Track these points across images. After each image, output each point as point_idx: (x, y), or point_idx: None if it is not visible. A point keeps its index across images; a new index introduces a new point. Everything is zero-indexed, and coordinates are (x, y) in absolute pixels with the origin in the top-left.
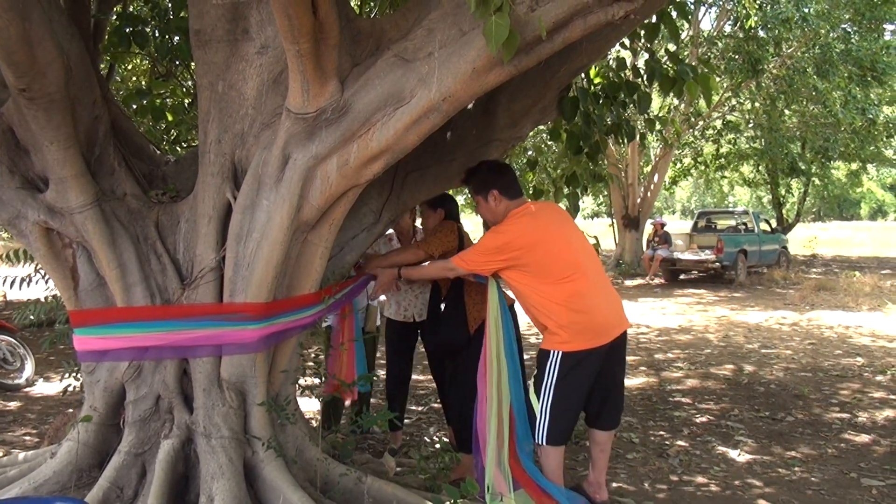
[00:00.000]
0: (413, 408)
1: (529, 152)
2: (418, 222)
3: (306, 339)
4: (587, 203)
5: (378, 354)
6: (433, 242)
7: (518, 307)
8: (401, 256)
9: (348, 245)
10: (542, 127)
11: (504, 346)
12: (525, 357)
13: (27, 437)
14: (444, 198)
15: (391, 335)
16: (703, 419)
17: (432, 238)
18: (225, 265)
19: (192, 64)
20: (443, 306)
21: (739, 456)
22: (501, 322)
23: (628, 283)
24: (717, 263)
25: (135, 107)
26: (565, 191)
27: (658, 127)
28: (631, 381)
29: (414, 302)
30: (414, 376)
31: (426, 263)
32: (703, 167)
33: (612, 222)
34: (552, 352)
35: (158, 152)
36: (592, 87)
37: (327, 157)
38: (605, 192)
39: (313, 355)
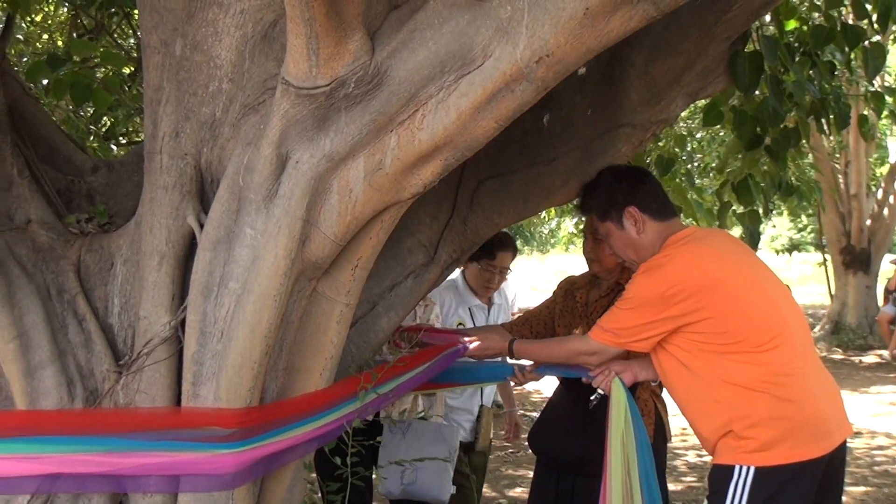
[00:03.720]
0: None
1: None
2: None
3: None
4: (778, 228)
5: None
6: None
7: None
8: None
9: (385, 300)
10: (700, 102)
11: (640, 472)
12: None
13: None
14: None
15: None
16: None
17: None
18: (186, 334)
19: (136, 13)
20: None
21: None
22: (634, 434)
23: (854, 359)
24: None
25: (46, 82)
26: (736, 209)
27: (891, 104)
28: None
29: None
30: None
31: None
32: None
33: (824, 260)
34: (738, 468)
35: (82, 154)
36: (784, 37)
37: (349, 157)
38: (810, 211)
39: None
